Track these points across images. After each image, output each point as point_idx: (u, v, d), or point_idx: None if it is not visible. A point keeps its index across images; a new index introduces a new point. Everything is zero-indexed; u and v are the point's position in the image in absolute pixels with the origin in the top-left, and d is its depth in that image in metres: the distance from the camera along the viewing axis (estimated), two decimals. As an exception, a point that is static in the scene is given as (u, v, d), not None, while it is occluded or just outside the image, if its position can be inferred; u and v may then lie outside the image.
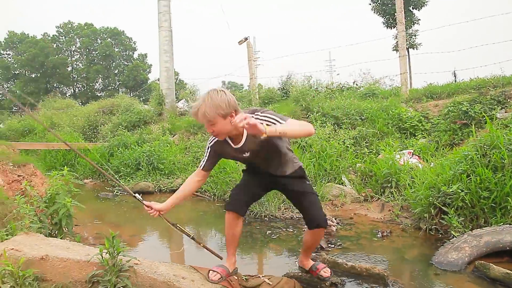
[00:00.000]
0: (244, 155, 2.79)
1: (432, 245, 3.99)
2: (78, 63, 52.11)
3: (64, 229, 3.83)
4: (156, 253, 4.10)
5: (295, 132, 2.58)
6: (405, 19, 10.38)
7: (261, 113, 2.65)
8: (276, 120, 2.57)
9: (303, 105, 9.00)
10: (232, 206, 2.84)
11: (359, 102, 8.99)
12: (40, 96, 29.43)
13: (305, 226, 2.93)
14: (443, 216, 4.20)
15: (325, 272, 3.02)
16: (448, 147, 6.71)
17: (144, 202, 2.98)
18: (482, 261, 3.27)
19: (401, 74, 9.96)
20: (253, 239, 4.42)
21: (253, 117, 2.45)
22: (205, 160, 2.90)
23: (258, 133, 2.33)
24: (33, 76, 47.53)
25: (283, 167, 2.87)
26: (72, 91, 51.34)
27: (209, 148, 2.87)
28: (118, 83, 51.75)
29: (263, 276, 2.94)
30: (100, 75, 50.94)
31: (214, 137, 2.82)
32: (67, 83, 50.34)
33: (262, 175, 2.92)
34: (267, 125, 2.44)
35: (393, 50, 18.68)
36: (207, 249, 3.18)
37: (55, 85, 49.21)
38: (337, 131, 7.78)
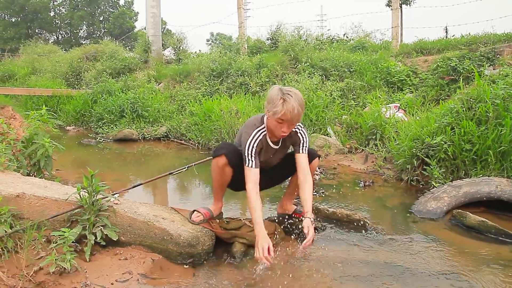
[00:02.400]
0: (271, 156, 2.85)
1: (412, 195, 4.05)
2: (61, 8, 50.04)
3: (43, 171, 3.76)
4: (138, 197, 4.07)
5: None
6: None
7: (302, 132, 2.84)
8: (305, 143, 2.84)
9: (292, 56, 8.85)
10: (224, 151, 2.72)
11: (349, 55, 8.85)
12: (21, 41, 28.31)
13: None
14: (425, 167, 4.24)
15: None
16: (434, 102, 6.69)
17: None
18: (459, 210, 3.33)
19: (392, 27, 9.78)
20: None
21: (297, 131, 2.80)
22: (253, 159, 2.63)
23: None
24: (13, 20, 45.56)
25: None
26: (55, 37, 49.55)
27: (253, 148, 2.64)
28: (103, 30, 50.04)
29: (244, 219, 2.95)
30: (84, 22, 49.05)
31: (256, 135, 2.67)
32: (49, 29, 48.47)
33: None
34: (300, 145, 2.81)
35: (386, 5, 18.27)
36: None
37: (36, 31, 47.32)
38: (324, 82, 7.69)
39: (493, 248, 2.81)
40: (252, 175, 2.60)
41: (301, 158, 2.80)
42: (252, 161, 2.62)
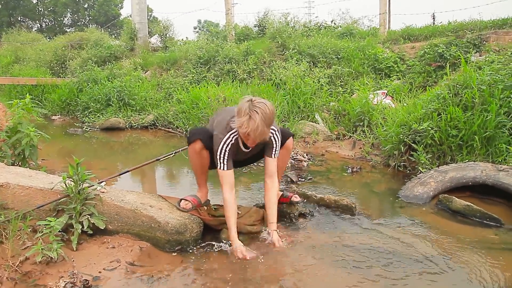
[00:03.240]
0: (243, 157, 2.85)
1: (399, 181, 4.08)
2: (44, -6, 48.97)
3: (28, 160, 3.71)
4: (125, 185, 4.05)
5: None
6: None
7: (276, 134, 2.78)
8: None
9: (279, 42, 8.80)
10: (198, 136, 2.73)
11: (336, 41, 8.83)
12: (3, 30, 27.69)
13: None
14: (412, 153, 4.27)
15: (296, 197, 3.13)
16: (421, 89, 6.72)
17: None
18: (445, 195, 3.37)
19: (380, 14, 9.77)
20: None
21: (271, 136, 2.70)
22: (225, 162, 2.63)
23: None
24: (-6, 8, 44.54)
25: None
26: (39, 25, 48.53)
27: (226, 152, 2.63)
28: (88, 18, 49.16)
29: (232, 206, 2.94)
30: (68, 9, 48.10)
31: (228, 140, 2.64)
32: (32, 16, 47.41)
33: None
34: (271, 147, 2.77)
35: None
36: None
37: (19, 18, 46.33)
38: (312, 69, 7.67)
39: (478, 231, 2.86)
40: (227, 177, 2.62)
41: (270, 162, 2.78)
42: (224, 164, 2.63)
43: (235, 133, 2.64)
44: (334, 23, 11.31)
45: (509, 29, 7.71)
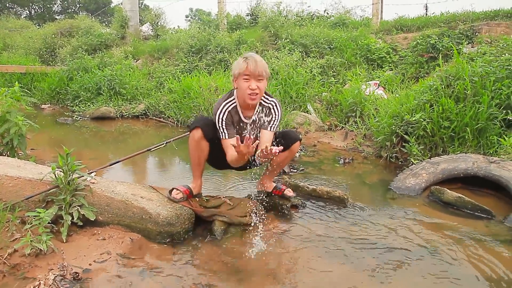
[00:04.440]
0: (245, 131, 2.79)
1: (391, 172, 4.09)
2: (33, -19, 48.09)
3: (17, 150, 3.65)
4: (116, 176, 4.01)
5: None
6: None
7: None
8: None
9: (272, 32, 8.74)
10: (198, 123, 2.70)
11: (329, 31, 8.79)
12: (-9, 16, 27.24)
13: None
14: (404, 144, 4.27)
15: (289, 191, 3.13)
16: (413, 79, 6.74)
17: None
18: (437, 186, 3.38)
19: (373, 4, 9.75)
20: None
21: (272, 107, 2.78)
22: (226, 130, 2.65)
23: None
24: (-19, -6, 43.66)
25: None
26: (28, 12, 47.70)
27: (223, 120, 2.64)
28: (78, 5, 48.38)
29: (224, 197, 2.93)
30: (58, -4, 47.42)
31: (224, 107, 2.67)
32: (21, 3, 46.49)
33: None
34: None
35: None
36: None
37: (7, 4, 45.49)
38: (305, 59, 7.64)
39: (469, 223, 2.87)
40: (229, 143, 2.57)
41: (266, 135, 2.76)
42: (225, 132, 2.65)
43: (232, 100, 2.71)
44: (327, 13, 11.26)
45: (501, 21, 7.72)
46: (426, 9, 11.43)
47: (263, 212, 2.93)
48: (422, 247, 2.50)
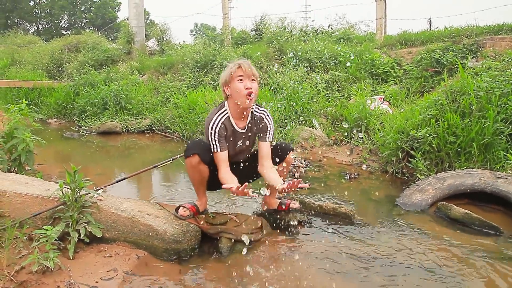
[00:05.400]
0: (239, 143, 2.82)
1: (397, 188, 4.07)
2: (41, -3, 48.80)
3: (24, 165, 3.68)
4: (122, 192, 4.02)
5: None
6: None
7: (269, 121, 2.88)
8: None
9: (276, 47, 8.81)
10: (195, 150, 2.67)
11: (333, 46, 8.85)
12: (0, 32, 27.60)
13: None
14: (410, 159, 4.27)
15: (294, 203, 3.15)
16: (418, 94, 6.74)
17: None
18: (444, 202, 3.36)
19: (377, 19, 9.80)
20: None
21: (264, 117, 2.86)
22: (218, 143, 2.66)
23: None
24: (-9, 10, 44.32)
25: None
26: (35, 28, 48.34)
27: (216, 132, 2.66)
28: (85, 21, 49.07)
29: (230, 214, 2.93)
30: (65, 12, 48.03)
31: (217, 119, 2.70)
32: (29, 19, 47.25)
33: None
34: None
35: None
36: None
37: (16, 21, 46.15)
38: (309, 74, 7.68)
39: (477, 240, 2.85)
40: (221, 156, 2.65)
41: (265, 145, 2.82)
42: (217, 145, 2.66)
43: (225, 111, 2.74)
44: (331, 28, 11.34)
45: (505, 35, 7.74)
46: (430, 23, 11.47)
47: (269, 228, 2.93)
48: (429, 264, 2.47)
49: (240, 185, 2.30)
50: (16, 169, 3.63)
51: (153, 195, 4.02)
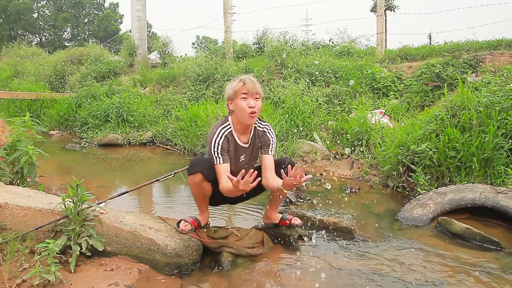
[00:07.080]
0: (242, 157, 2.83)
1: (398, 202, 4.08)
2: (44, 9, 49.35)
3: (26, 178, 3.69)
4: (124, 205, 4.02)
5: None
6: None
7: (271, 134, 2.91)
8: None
9: (278, 61, 8.87)
10: (198, 168, 2.67)
11: (334, 60, 8.91)
12: (4, 43, 27.88)
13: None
14: (410, 174, 4.28)
15: (296, 220, 3.13)
16: (419, 108, 6.78)
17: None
18: (444, 217, 3.36)
19: (377, 34, 9.88)
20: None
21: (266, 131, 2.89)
22: (220, 156, 2.66)
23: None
24: (-5, 22, 44.80)
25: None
26: (39, 39, 48.89)
27: (219, 145, 2.67)
28: (87, 33, 49.64)
29: (231, 228, 2.93)
30: (68, 24, 48.57)
31: (220, 132, 2.71)
32: (33, 30, 47.79)
33: None
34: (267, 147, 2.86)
35: (371, 11, 18.49)
36: None
37: (19, 32, 46.64)
38: (310, 88, 7.73)
39: (478, 255, 2.85)
40: (223, 169, 2.63)
41: (268, 159, 2.84)
42: (219, 158, 2.66)
43: (228, 125, 2.75)
44: (332, 42, 11.44)
45: (504, 50, 7.80)
46: (430, 38, 11.59)
47: (270, 243, 2.93)
48: (430, 280, 2.47)
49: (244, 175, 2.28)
50: (18, 182, 3.64)
51: (155, 209, 4.03)
